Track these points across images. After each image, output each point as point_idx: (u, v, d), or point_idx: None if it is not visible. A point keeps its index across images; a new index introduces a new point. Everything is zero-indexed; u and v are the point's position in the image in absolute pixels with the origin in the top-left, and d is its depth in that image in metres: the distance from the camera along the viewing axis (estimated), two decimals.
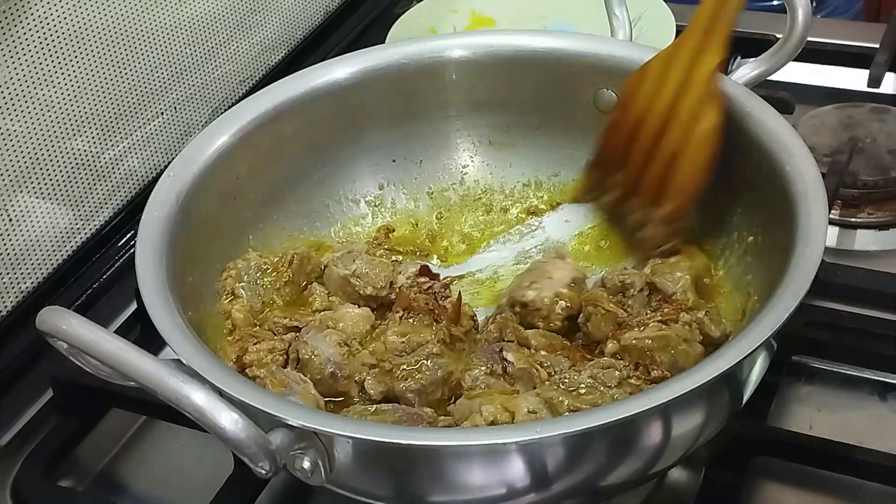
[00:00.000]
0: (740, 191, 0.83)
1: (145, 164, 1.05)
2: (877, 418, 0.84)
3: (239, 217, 0.87)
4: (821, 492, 0.78)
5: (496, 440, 0.62)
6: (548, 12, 1.20)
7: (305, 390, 0.74)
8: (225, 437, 0.60)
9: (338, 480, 0.66)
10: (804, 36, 0.84)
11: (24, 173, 0.92)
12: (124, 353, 0.62)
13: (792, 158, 0.76)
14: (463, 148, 0.96)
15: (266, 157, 0.88)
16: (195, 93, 1.10)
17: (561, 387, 0.72)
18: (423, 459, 0.65)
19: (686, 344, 0.75)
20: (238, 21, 1.13)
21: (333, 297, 0.84)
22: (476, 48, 0.93)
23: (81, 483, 0.86)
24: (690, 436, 0.69)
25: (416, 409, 0.74)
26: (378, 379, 0.76)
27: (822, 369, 0.87)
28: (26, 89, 0.91)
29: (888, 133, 1.04)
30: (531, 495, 0.66)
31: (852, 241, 0.99)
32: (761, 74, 0.87)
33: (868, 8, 1.92)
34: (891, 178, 1.00)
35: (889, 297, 0.90)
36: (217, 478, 0.80)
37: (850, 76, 1.16)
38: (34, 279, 0.95)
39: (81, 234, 0.99)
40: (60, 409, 0.89)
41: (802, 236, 0.70)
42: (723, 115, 0.80)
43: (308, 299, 0.84)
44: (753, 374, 0.71)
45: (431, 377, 0.76)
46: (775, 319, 0.65)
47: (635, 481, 0.72)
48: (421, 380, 0.76)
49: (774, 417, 0.83)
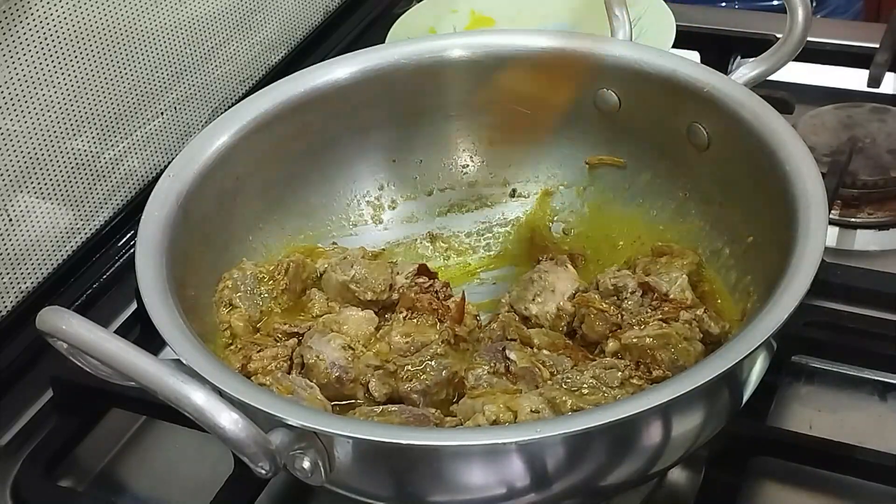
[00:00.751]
0: (740, 191, 0.83)
1: (145, 164, 1.05)
2: (877, 418, 0.84)
3: (239, 217, 0.87)
4: (821, 492, 0.78)
5: (496, 440, 0.62)
6: (548, 12, 1.20)
7: (312, 395, 0.74)
8: (225, 437, 0.60)
9: (338, 480, 0.66)
10: (804, 36, 0.84)
11: (24, 173, 0.92)
12: (124, 353, 0.62)
13: (792, 158, 0.76)
14: (463, 148, 0.96)
15: (266, 157, 0.88)
16: (195, 93, 1.10)
17: (563, 386, 0.72)
18: (423, 459, 0.65)
19: (686, 342, 0.75)
20: (238, 21, 1.13)
21: (333, 302, 0.84)
22: (476, 48, 0.93)
23: (81, 483, 0.86)
24: (690, 436, 0.68)
25: (421, 410, 0.74)
26: (382, 381, 0.76)
27: (822, 369, 0.87)
28: (26, 89, 0.91)
29: (888, 133, 1.04)
30: (531, 495, 0.66)
31: (852, 241, 0.99)
32: (761, 74, 0.87)
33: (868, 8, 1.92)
34: (891, 178, 1.00)
35: (889, 297, 0.90)
36: (217, 478, 0.80)
37: (850, 76, 1.16)
38: (34, 279, 0.95)
39: (81, 234, 0.99)
40: (60, 409, 0.89)
41: (802, 236, 0.70)
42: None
43: (307, 305, 0.84)
44: (753, 374, 0.71)
45: (436, 378, 0.76)
46: (775, 319, 0.65)
47: (635, 481, 0.72)
48: (426, 381, 0.76)
49: (774, 417, 0.83)
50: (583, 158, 0.93)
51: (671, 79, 0.86)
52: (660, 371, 0.73)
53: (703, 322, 0.76)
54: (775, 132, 0.79)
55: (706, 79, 0.85)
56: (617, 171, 0.93)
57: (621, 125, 0.91)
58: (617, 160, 0.92)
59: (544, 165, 0.95)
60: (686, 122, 0.86)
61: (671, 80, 0.86)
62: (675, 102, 0.86)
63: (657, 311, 0.78)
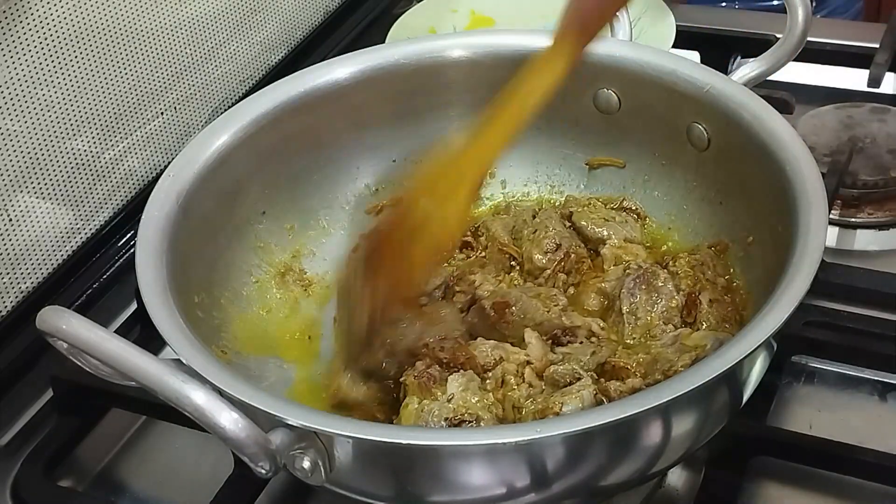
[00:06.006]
0: (740, 191, 0.83)
1: (145, 164, 1.05)
2: (877, 418, 0.84)
3: (239, 217, 0.87)
4: (821, 492, 0.78)
5: (496, 440, 0.62)
6: (548, 12, 1.19)
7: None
8: (225, 437, 0.60)
9: (338, 480, 0.66)
10: (804, 36, 0.84)
11: (24, 173, 0.92)
12: (124, 353, 0.62)
13: (792, 158, 0.76)
14: None
15: (266, 157, 0.88)
16: (195, 93, 1.10)
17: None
18: (423, 459, 0.65)
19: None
20: (238, 21, 1.13)
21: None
22: (476, 48, 0.93)
23: (81, 483, 0.86)
24: (691, 436, 0.69)
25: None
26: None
27: (822, 369, 0.87)
28: (26, 89, 0.91)
29: (888, 133, 1.04)
30: (531, 495, 0.66)
31: (852, 241, 0.99)
32: (761, 74, 0.87)
33: (868, 8, 1.92)
34: (891, 178, 1.00)
35: (889, 297, 0.90)
36: (217, 478, 0.80)
37: (850, 76, 1.16)
38: (34, 279, 0.95)
39: (81, 234, 0.99)
40: (60, 409, 0.89)
41: (802, 236, 0.70)
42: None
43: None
44: (753, 374, 0.71)
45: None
46: (775, 319, 0.65)
47: (635, 481, 0.72)
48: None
49: (774, 417, 0.83)
50: (583, 159, 0.94)
51: (671, 79, 0.86)
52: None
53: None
54: (775, 132, 0.79)
55: (706, 79, 0.85)
56: (617, 171, 0.93)
57: (621, 125, 0.91)
58: (617, 161, 0.92)
59: (544, 165, 0.95)
60: (686, 122, 0.86)
61: (671, 80, 0.86)
62: (675, 102, 0.86)
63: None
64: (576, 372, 0.73)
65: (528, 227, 0.88)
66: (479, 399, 0.72)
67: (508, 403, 0.73)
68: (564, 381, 0.73)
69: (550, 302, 0.80)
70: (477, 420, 0.70)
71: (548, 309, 0.80)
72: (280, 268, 0.89)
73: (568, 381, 0.73)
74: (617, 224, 0.88)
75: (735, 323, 0.79)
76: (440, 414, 0.71)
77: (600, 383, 0.73)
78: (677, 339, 0.76)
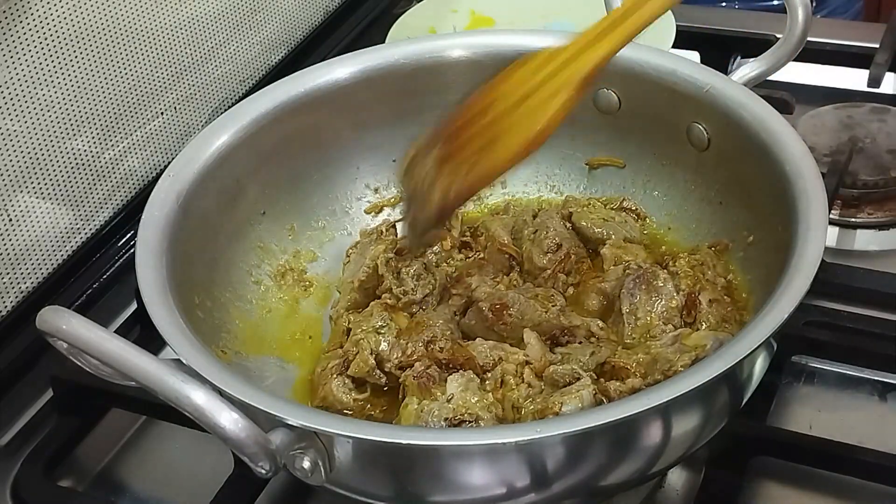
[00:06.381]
0: (740, 191, 0.83)
1: (145, 164, 1.05)
2: (877, 418, 0.84)
3: (239, 217, 0.87)
4: (821, 492, 0.78)
5: (496, 440, 0.62)
6: (548, 12, 1.20)
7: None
8: (225, 437, 0.60)
9: (338, 480, 0.66)
10: (804, 36, 0.84)
11: (24, 173, 0.92)
12: (124, 353, 0.62)
13: (792, 158, 0.76)
14: None
15: (266, 157, 0.88)
16: (195, 93, 1.10)
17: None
18: (423, 459, 0.65)
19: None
20: (238, 21, 1.13)
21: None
22: (476, 48, 0.93)
23: (81, 483, 0.86)
24: (690, 436, 0.69)
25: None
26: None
27: (822, 369, 0.87)
28: (26, 89, 0.91)
29: (888, 133, 1.04)
30: (531, 495, 0.66)
31: (852, 241, 0.99)
32: (761, 74, 0.87)
33: (868, 8, 1.92)
34: (890, 178, 1.00)
35: (889, 297, 0.90)
36: (217, 478, 0.80)
37: (850, 76, 1.16)
38: (34, 279, 0.95)
39: (81, 234, 0.99)
40: (60, 409, 0.89)
41: (802, 236, 0.70)
42: (573, 100, 0.75)
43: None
44: (753, 374, 0.71)
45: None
46: (775, 319, 0.65)
47: (635, 481, 0.72)
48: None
49: (774, 417, 0.83)
50: (583, 158, 0.94)
51: (671, 79, 0.86)
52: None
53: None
54: (775, 132, 0.79)
55: (706, 79, 0.85)
56: (617, 171, 0.93)
57: (621, 125, 0.91)
58: (617, 161, 0.92)
59: (544, 165, 0.95)
60: (686, 123, 0.86)
61: (671, 80, 0.86)
62: (675, 102, 0.86)
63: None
64: (575, 372, 0.73)
65: (528, 228, 0.88)
66: (478, 399, 0.72)
67: (508, 403, 0.73)
68: (564, 381, 0.73)
69: (548, 302, 0.80)
70: (476, 420, 0.70)
71: (546, 309, 0.80)
72: (280, 268, 0.89)
73: (567, 381, 0.73)
74: (617, 224, 0.88)
75: (735, 323, 0.79)
76: (440, 414, 0.71)
77: (600, 383, 0.73)
78: (677, 339, 0.76)
